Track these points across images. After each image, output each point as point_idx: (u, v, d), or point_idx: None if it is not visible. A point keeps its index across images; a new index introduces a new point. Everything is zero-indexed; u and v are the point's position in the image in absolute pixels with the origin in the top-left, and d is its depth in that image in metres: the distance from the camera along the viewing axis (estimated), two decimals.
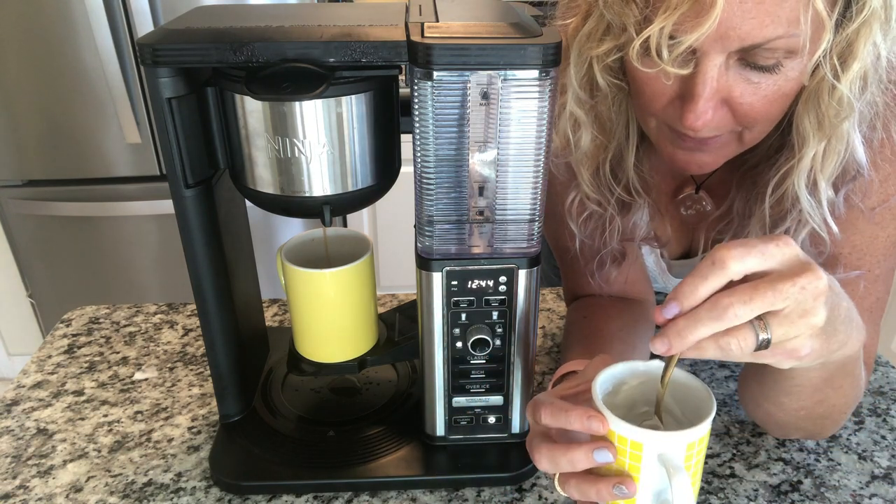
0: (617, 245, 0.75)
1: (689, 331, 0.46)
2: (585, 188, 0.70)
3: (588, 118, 0.66)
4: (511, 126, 0.53)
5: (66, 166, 1.83)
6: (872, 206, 0.64)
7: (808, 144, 0.59)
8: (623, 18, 0.55)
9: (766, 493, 0.67)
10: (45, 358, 0.89)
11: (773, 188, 0.63)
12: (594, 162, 0.69)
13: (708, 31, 0.50)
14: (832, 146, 0.59)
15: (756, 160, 0.67)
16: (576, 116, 0.66)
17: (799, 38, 0.51)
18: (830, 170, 0.60)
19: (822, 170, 0.60)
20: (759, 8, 0.50)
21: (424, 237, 0.59)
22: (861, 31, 0.52)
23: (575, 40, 0.62)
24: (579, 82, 0.64)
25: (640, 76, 0.58)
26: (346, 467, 0.68)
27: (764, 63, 0.53)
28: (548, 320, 0.94)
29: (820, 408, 0.65)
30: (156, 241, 1.93)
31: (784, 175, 0.62)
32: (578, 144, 0.67)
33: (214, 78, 0.57)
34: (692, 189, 0.76)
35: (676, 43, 0.52)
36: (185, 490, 0.68)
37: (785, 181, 0.62)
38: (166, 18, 1.65)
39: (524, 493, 0.67)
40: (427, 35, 0.51)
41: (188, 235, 0.62)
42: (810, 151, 0.59)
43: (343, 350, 0.70)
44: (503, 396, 0.67)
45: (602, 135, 0.67)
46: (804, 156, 0.59)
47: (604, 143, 0.68)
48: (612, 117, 0.66)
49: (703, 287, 0.46)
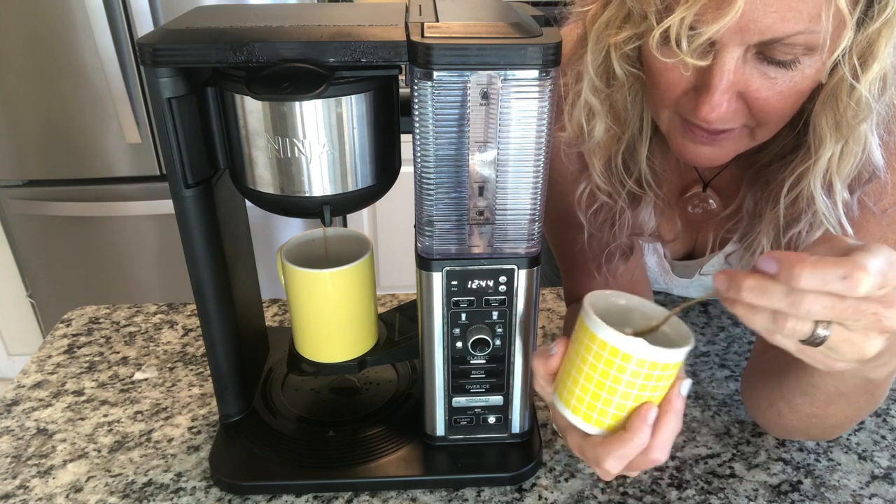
0: (626, 239, 0.75)
1: (757, 296, 0.44)
2: (597, 179, 0.69)
3: (603, 107, 0.65)
4: (511, 126, 0.53)
5: (66, 166, 1.83)
6: (884, 208, 0.63)
7: (825, 145, 0.58)
8: (644, 6, 0.55)
9: (766, 493, 0.67)
10: (45, 358, 0.89)
11: (788, 188, 0.63)
12: (606, 153, 0.68)
13: (729, 23, 0.50)
14: (849, 148, 0.58)
15: (768, 159, 0.67)
16: (591, 105, 0.65)
17: (819, 34, 0.51)
18: (847, 171, 0.59)
19: (838, 171, 0.59)
20: (780, 2, 0.50)
21: (424, 237, 0.59)
22: (882, 31, 0.52)
23: (594, 27, 0.61)
24: (596, 70, 0.63)
25: (657, 66, 0.58)
26: (346, 467, 0.68)
27: (782, 58, 0.53)
28: (548, 320, 0.94)
29: (832, 419, 0.65)
30: (156, 241, 1.93)
31: (800, 176, 0.61)
32: (592, 134, 0.67)
33: (214, 78, 0.57)
34: (699, 187, 0.76)
35: (697, 34, 0.52)
36: (185, 490, 0.68)
37: (800, 182, 0.62)
38: (166, 18, 1.65)
39: (524, 493, 0.67)
40: (427, 35, 0.51)
41: (188, 235, 0.62)
42: (827, 153, 0.58)
43: (343, 350, 0.70)
44: (503, 396, 0.67)
45: (616, 125, 0.67)
46: (821, 157, 0.59)
47: (617, 134, 0.67)
48: (627, 107, 0.66)
49: (815, 279, 0.43)
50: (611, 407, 0.52)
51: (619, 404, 0.52)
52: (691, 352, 0.52)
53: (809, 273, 0.42)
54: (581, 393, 0.53)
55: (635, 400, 0.51)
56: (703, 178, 0.76)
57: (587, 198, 0.72)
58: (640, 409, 0.51)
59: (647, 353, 0.49)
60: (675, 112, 0.61)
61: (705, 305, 0.96)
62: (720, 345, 0.88)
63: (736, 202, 0.72)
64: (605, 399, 0.52)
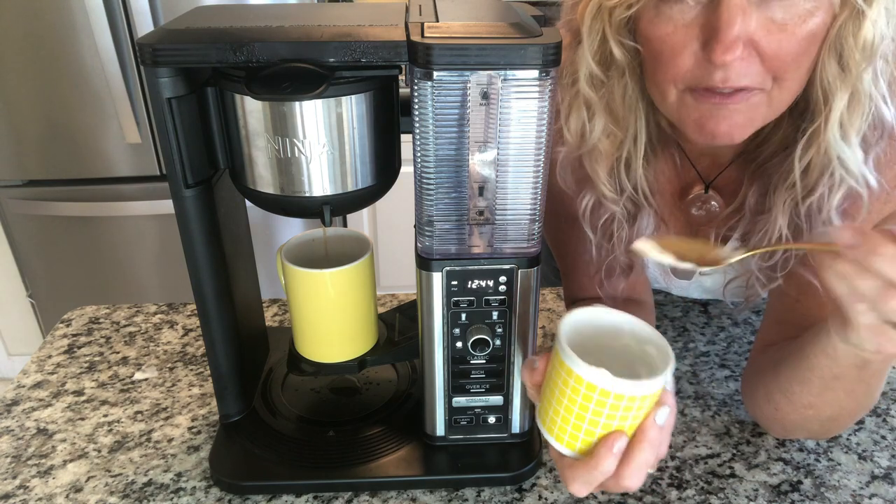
0: (623, 256, 0.74)
1: (890, 264, 0.44)
2: (602, 187, 0.69)
3: (601, 103, 0.65)
4: (511, 126, 0.53)
5: (66, 166, 1.83)
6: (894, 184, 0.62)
7: (835, 96, 0.58)
8: None
9: (766, 493, 0.67)
10: (45, 358, 0.89)
11: (801, 152, 0.61)
12: (609, 161, 0.68)
13: None
14: (857, 98, 0.58)
15: (770, 151, 0.66)
16: (588, 100, 0.65)
17: None
18: (858, 124, 0.59)
19: (850, 123, 0.59)
20: None
21: (424, 237, 0.59)
22: None
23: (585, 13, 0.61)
24: (593, 55, 0.62)
25: (658, 34, 0.57)
26: (346, 467, 0.68)
27: None
28: (548, 320, 0.94)
29: (828, 409, 0.65)
30: (156, 241, 1.93)
31: (812, 136, 0.60)
32: (591, 137, 0.66)
33: (214, 78, 0.57)
34: (701, 188, 0.75)
35: None
36: (185, 490, 0.68)
37: (813, 142, 0.60)
38: (166, 18, 1.65)
39: (524, 493, 0.67)
40: (427, 35, 0.51)
41: (188, 235, 0.62)
42: (838, 103, 0.58)
43: (343, 350, 0.70)
44: (503, 396, 0.67)
45: (614, 125, 0.66)
46: (832, 109, 0.58)
47: (617, 138, 0.67)
48: (623, 105, 0.65)
49: None
50: (580, 432, 0.52)
51: (588, 430, 0.51)
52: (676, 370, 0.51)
53: None
54: (554, 415, 0.53)
55: (604, 427, 0.51)
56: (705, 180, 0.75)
57: (592, 208, 0.71)
58: (608, 437, 0.51)
59: (611, 385, 0.49)
60: (683, 89, 0.60)
61: (705, 305, 0.96)
62: (720, 345, 0.88)
63: (738, 200, 0.72)
64: (575, 424, 0.52)
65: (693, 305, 0.96)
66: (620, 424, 0.51)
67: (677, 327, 0.92)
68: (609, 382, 0.49)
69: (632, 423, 0.51)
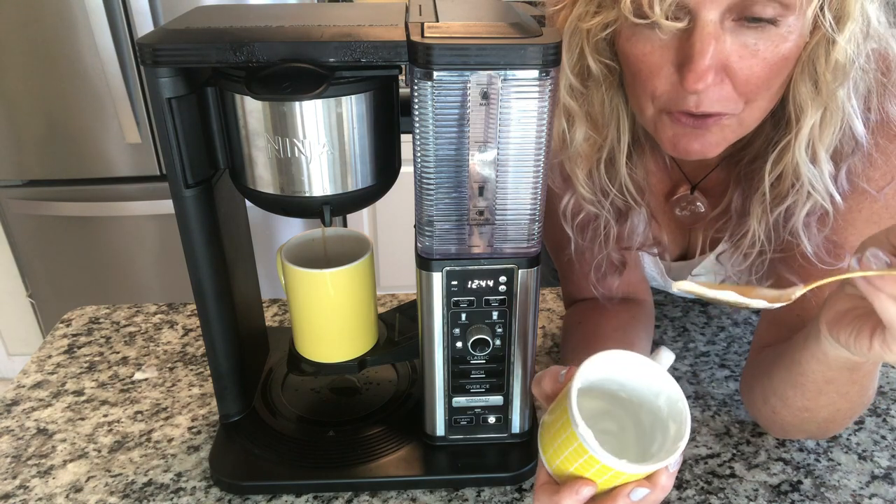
0: (616, 254, 0.75)
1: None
2: (581, 189, 0.70)
3: (581, 111, 0.66)
4: (511, 126, 0.53)
5: (66, 166, 1.83)
6: (880, 186, 0.63)
7: (806, 113, 0.58)
8: None
9: (766, 493, 0.67)
10: (45, 358, 0.89)
11: (772, 164, 0.63)
12: (588, 163, 0.69)
13: None
14: (829, 115, 0.58)
15: (753, 155, 0.67)
16: (569, 109, 0.66)
17: None
18: (829, 140, 0.59)
19: (820, 139, 0.59)
20: None
21: (424, 237, 0.59)
22: None
23: (566, 25, 0.61)
24: (572, 68, 0.63)
25: (635, 53, 0.58)
26: (346, 467, 0.68)
27: (761, 14, 0.53)
28: (548, 320, 0.94)
29: (824, 411, 0.65)
30: (156, 241, 1.93)
31: (783, 149, 0.61)
32: (572, 141, 0.67)
33: (214, 78, 0.57)
34: (687, 189, 0.76)
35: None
36: (185, 490, 0.68)
37: (784, 156, 0.61)
38: (166, 18, 1.65)
39: (524, 493, 0.67)
40: (427, 35, 0.51)
41: (188, 235, 0.62)
42: (808, 121, 0.59)
43: (343, 350, 0.70)
44: (503, 396, 0.67)
45: (594, 131, 0.67)
46: (802, 126, 0.59)
47: (597, 143, 0.67)
48: (604, 112, 0.66)
49: None
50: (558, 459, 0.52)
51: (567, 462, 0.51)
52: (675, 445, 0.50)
53: None
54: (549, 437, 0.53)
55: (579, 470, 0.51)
56: (693, 181, 0.76)
57: (572, 209, 0.72)
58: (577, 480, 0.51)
59: (603, 458, 0.48)
60: (659, 109, 0.61)
61: (705, 306, 0.96)
62: (720, 345, 0.88)
63: (724, 202, 0.72)
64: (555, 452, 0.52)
65: (693, 305, 0.96)
66: (603, 484, 0.51)
67: (677, 327, 0.92)
68: (603, 456, 0.48)
69: (607, 483, 0.51)
